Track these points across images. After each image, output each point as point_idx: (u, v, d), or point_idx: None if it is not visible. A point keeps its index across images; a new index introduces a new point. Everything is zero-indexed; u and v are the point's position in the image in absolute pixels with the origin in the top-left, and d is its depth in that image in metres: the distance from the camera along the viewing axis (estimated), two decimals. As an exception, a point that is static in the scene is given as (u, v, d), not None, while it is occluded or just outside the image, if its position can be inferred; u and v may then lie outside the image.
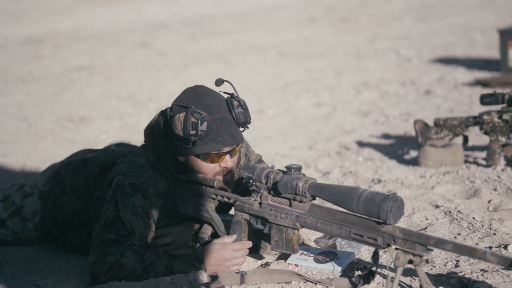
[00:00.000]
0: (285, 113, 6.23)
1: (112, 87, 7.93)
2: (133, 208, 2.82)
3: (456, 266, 2.73)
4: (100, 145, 5.20)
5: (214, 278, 2.74)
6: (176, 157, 2.89)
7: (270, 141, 5.22)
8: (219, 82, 2.86)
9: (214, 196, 2.86)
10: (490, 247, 2.88)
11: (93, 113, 6.69)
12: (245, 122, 2.85)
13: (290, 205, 2.64)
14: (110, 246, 2.73)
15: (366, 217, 2.43)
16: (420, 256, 2.33)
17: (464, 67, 7.36)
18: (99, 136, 5.82)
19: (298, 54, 9.18)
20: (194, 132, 2.72)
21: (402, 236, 2.35)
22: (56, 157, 5.23)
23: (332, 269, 2.77)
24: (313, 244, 3.16)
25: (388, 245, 2.40)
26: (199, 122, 2.71)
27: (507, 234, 3.05)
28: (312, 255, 2.88)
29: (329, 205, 3.25)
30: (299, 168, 2.61)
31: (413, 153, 4.60)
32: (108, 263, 2.70)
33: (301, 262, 2.85)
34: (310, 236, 3.25)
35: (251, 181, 2.68)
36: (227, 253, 2.71)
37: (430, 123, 5.14)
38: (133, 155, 2.98)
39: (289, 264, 2.86)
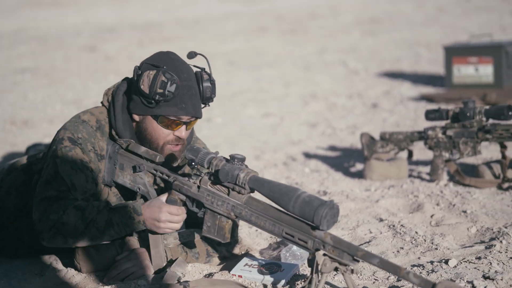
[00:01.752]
0: (232, 122, 6.22)
1: (57, 90, 7.80)
2: (73, 162, 2.82)
3: (398, 280, 2.75)
4: (43, 150, 5.09)
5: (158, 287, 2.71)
6: (129, 118, 2.88)
7: (217, 149, 5.17)
8: (192, 55, 2.89)
9: (154, 172, 2.83)
10: (432, 262, 2.91)
11: (37, 116, 6.56)
12: (210, 97, 2.88)
13: (228, 194, 2.61)
14: (52, 203, 2.73)
15: (300, 219, 2.42)
16: (346, 265, 2.35)
17: (410, 82, 7.48)
18: (42, 140, 5.70)
19: (247, 63, 9.19)
20: (161, 91, 2.73)
21: (332, 243, 2.36)
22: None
23: (276, 281, 2.75)
24: (257, 255, 3.14)
25: (317, 250, 2.40)
26: (169, 82, 2.73)
27: (448, 249, 3.09)
28: (256, 266, 2.86)
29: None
30: (242, 159, 2.58)
31: (359, 166, 4.64)
32: (50, 220, 2.70)
33: (245, 273, 2.82)
34: (254, 246, 3.23)
35: (193, 163, 2.64)
36: (163, 214, 2.70)
37: (376, 136, 5.21)
38: (81, 112, 2.99)
39: (232, 275, 2.83)
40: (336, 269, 2.36)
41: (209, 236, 2.69)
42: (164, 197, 2.74)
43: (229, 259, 3.05)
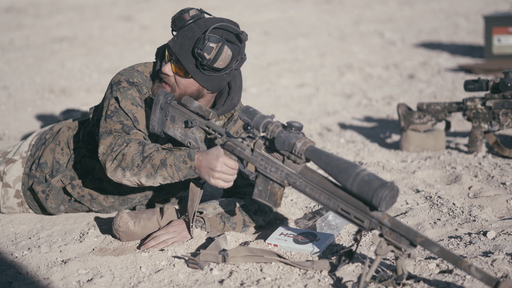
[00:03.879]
0: (267, 92, 6.20)
1: (94, 59, 7.84)
2: (132, 99, 2.92)
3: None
4: (80, 118, 5.14)
5: (195, 255, 2.73)
6: None
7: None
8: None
9: (206, 128, 2.80)
10: (470, 234, 2.89)
11: (74, 85, 6.61)
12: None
13: (283, 162, 2.56)
14: (118, 137, 2.81)
15: (357, 196, 2.36)
16: (402, 250, 2.30)
17: (447, 53, 7.36)
18: (80, 108, 5.76)
19: (282, 33, 9.13)
20: (222, 66, 2.81)
21: (390, 225, 2.31)
22: (35, 127, 5.18)
23: (311, 250, 2.76)
24: (292, 225, 3.15)
25: (372, 229, 2.36)
26: (234, 62, 2.84)
27: (486, 221, 3.06)
28: (291, 235, 2.87)
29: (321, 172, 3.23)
30: (300, 127, 2.50)
31: (395, 137, 4.60)
32: (114, 152, 2.78)
33: (280, 242, 2.83)
34: (290, 216, 3.24)
35: (248, 127, 2.58)
36: (219, 163, 2.65)
37: (413, 107, 5.15)
38: (135, 64, 3.07)
39: (268, 244, 2.84)
40: (391, 251, 2.32)
41: (260, 200, 2.65)
42: (221, 149, 2.69)
43: (264, 228, 3.07)
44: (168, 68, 2.89)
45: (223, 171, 2.66)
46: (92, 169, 3.19)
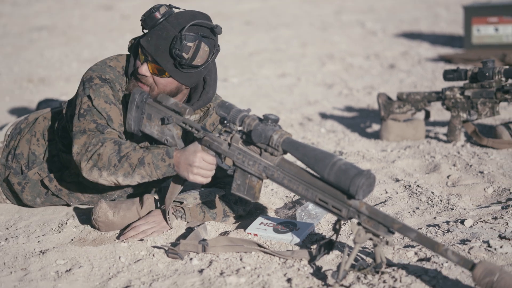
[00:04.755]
0: (248, 82, 6.19)
1: (74, 48, 7.79)
2: (105, 97, 2.88)
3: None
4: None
5: (174, 245, 2.73)
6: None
7: (233, 109, 5.19)
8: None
9: (183, 125, 2.80)
10: (448, 222, 2.90)
11: (53, 74, 6.56)
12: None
13: (260, 155, 2.57)
14: (92, 137, 2.78)
15: (335, 186, 2.38)
16: (380, 237, 2.32)
17: (428, 43, 7.39)
18: (59, 98, 5.71)
19: (263, 23, 9.11)
20: (201, 63, 2.79)
21: (368, 213, 2.33)
22: (13, 118, 5.13)
23: (291, 239, 2.76)
24: (272, 214, 3.15)
25: (350, 218, 2.38)
26: (210, 57, 2.81)
27: (464, 209, 3.08)
28: (271, 224, 2.87)
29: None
30: (276, 120, 2.50)
31: (375, 127, 4.62)
32: (89, 152, 2.75)
33: (260, 231, 2.83)
34: (270, 206, 3.24)
35: (225, 121, 2.58)
36: (197, 159, 2.65)
37: (393, 97, 5.17)
38: (107, 58, 3.02)
39: (248, 233, 2.84)
40: (369, 239, 2.34)
41: (239, 194, 2.65)
42: (199, 145, 2.69)
43: (244, 218, 3.07)
44: (145, 69, 2.85)
45: (201, 166, 2.66)
46: (69, 163, 3.16)
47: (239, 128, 2.63)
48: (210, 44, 2.81)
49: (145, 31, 2.87)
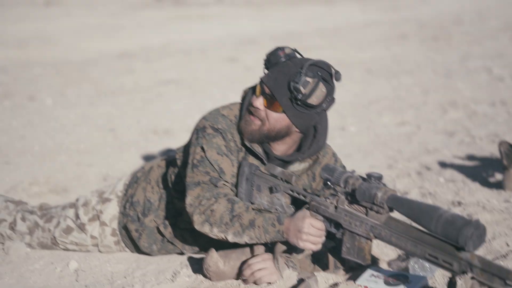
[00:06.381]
0: (366, 131, 6.14)
1: (197, 100, 8.04)
2: (218, 148, 2.94)
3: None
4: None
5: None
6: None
7: (349, 158, 5.14)
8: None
9: (291, 192, 2.83)
10: None
11: (177, 126, 6.79)
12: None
13: (366, 214, 2.56)
14: (206, 190, 2.85)
15: (444, 239, 2.32)
16: None
17: (560, 88, 7.06)
18: (181, 149, 5.89)
19: (385, 71, 9.05)
20: (316, 103, 2.82)
21: (481, 265, 2.24)
22: (137, 167, 5.34)
23: (402, 292, 2.68)
24: (385, 266, 3.07)
25: (463, 272, 2.29)
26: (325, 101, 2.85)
27: None
28: (382, 276, 2.80)
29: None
30: (380, 177, 2.52)
31: (498, 176, 4.43)
32: (202, 206, 2.82)
33: (370, 283, 2.77)
34: (383, 257, 3.16)
35: (329, 183, 2.62)
36: (306, 225, 2.68)
37: (518, 145, 4.95)
38: (220, 107, 3.08)
39: (358, 285, 2.78)
40: None
41: (349, 258, 2.66)
42: (307, 211, 2.73)
43: (355, 269, 3.01)
44: (259, 102, 2.90)
45: (310, 232, 2.68)
46: (182, 210, 3.24)
47: (344, 190, 2.62)
48: (328, 87, 2.83)
49: (266, 71, 2.93)
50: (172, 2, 20.60)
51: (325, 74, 2.84)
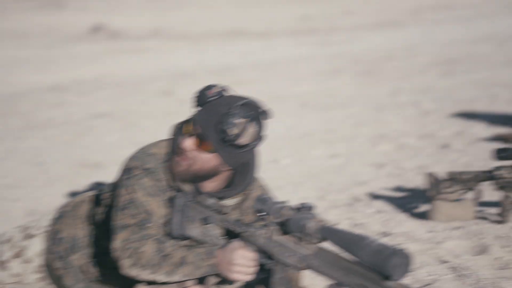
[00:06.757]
0: (299, 163, 6.19)
1: (130, 133, 7.97)
2: (146, 189, 2.86)
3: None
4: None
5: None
6: None
7: (281, 191, 5.14)
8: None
9: (223, 223, 2.80)
10: (495, 307, 2.76)
11: (108, 159, 6.70)
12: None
13: (298, 245, 2.55)
14: (133, 232, 2.78)
15: (371, 268, 2.33)
16: None
17: (485, 122, 7.26)
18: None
19: (318, 104, 9.17)
20: (246, 143, 2.79)
21: None
22: (64, 202, 5.23)
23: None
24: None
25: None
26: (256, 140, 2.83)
27: (514, 293, 2.93)
28: (309, 308, 2.79)
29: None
30: (311, 208, 2.52)
31: (425, 207, 4.50)
32: (129, 249, 2.76)
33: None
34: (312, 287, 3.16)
35: (261, 214, 2.60)
36: (237, 256, 2.65)
37: (444, 177, 5.05)
38: (148, 144, 3.03)
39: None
40: None
41: None
42: (239, 242, 2.71)
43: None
44: (188, 143, 2.85)
45: (241, 264, 2.66)
46: (110, 249, 3.16)
47: (276, 220, 2.61)
48: (257, 126, 2.82)
49: (195, 108, 2.90)
50: (108, 36, 20.51)
51: (255, 113, 2.82)
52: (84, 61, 15.34)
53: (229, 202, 3.02)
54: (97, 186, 4.98)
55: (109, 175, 6.01)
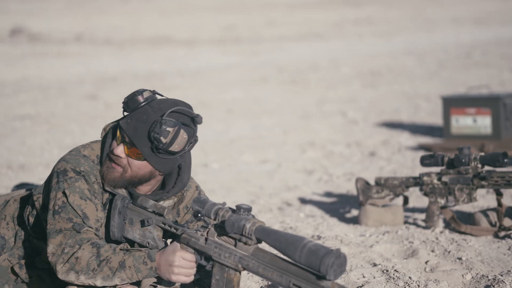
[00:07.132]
0: (229, 168, 6.21)
1: (55, 136, 7.82)
2: (81, 192, 2.81)
3: None
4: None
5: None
6: None
7: (213, 194, 5.16)
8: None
9: (163, 225, 2.79)
10: (425, 307, 2.85)
11: (33, 161, 6.55)
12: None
13: (235, 246, 2.56)
14: (69, 237, 2.72)
15: (307, 268, 2.37)
16: None
17: (408, 132, 7.48)
18: (38, 183, 5.67)
19: (246, 111, 9.23)
20: (178, 149, 2.76)
21: None
22: (-11, 203, 5.08)
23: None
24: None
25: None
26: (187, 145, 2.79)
27: (442, 294, 3.04)
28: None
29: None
30: (248, 209, 2.52)
31: (354, 212, 4.60)
32: (65, 254, 2.69)
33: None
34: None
35: (199, 215, 2.59)
36: (176, 258, 2.63)
37: (372, 182, 5.17)
38: (80, 146, 2.96)
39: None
40: None
41: None
42: (178, 244, 2.69)
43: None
44: (120, 150, 2.83)
45: (181, 265, 2.64)
46: (41, 249, 3.09)
47: (215, 222, 2.62)
48: (189, 132, 2.82)
49: (126, 113, 2.87)
50: (27, 39, 20.05)
51: (186, 119, 2.81)
52: (4, 64, 14.93)
53: (165, 203, 3.02)
54: (23, 185, 4.86)
55: (35, 177, 5.88)
